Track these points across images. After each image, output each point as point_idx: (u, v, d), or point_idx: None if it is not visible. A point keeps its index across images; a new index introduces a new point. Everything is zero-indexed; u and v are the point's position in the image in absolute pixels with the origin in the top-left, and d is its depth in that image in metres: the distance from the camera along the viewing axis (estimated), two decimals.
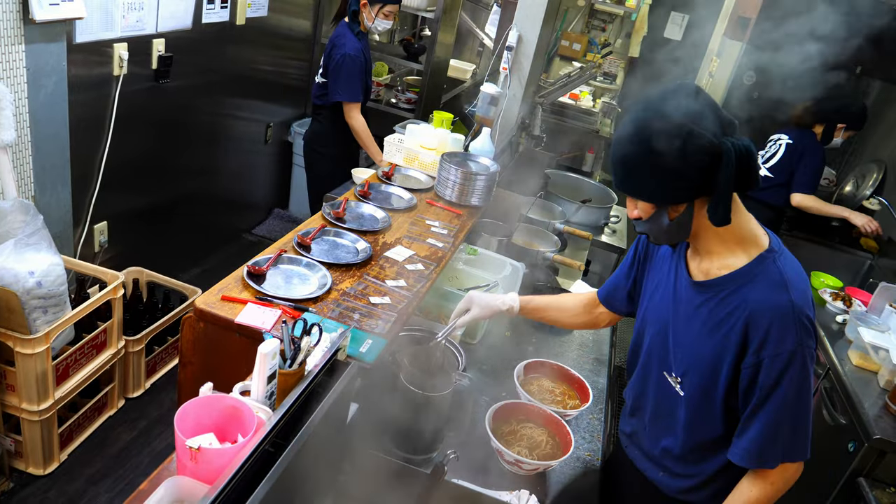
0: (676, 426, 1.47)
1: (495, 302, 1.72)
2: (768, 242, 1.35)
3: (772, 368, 1.28)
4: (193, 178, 3.57)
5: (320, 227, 2.13)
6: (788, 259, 1.35)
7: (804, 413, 1.32)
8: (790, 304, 1.27)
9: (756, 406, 1.32)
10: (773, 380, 1.29)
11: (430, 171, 2.78)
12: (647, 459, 1.57)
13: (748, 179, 1.26)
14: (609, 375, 2.19)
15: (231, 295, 1.67)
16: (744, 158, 1.23)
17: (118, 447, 2.53)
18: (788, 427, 1.31)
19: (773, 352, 1.27)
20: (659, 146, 1.24)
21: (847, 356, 2.61)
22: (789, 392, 1.29)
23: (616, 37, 7.18)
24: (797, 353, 1.27)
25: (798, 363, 1.27)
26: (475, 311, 1.70)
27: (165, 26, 2.95)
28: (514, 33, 3.15)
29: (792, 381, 1.28)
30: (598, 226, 3.36)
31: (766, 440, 1.32)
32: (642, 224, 1.38)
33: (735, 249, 1.35)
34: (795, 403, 1.30)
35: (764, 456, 1.33)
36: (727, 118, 1.28)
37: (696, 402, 1.41)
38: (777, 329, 1.27)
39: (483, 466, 1.64)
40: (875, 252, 3.80)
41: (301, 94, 4.45)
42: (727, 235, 1.34)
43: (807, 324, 1.28)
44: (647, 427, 1.56)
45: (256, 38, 3.75)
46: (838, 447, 2.35)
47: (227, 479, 0.99)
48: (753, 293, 1.31)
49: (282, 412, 1.13)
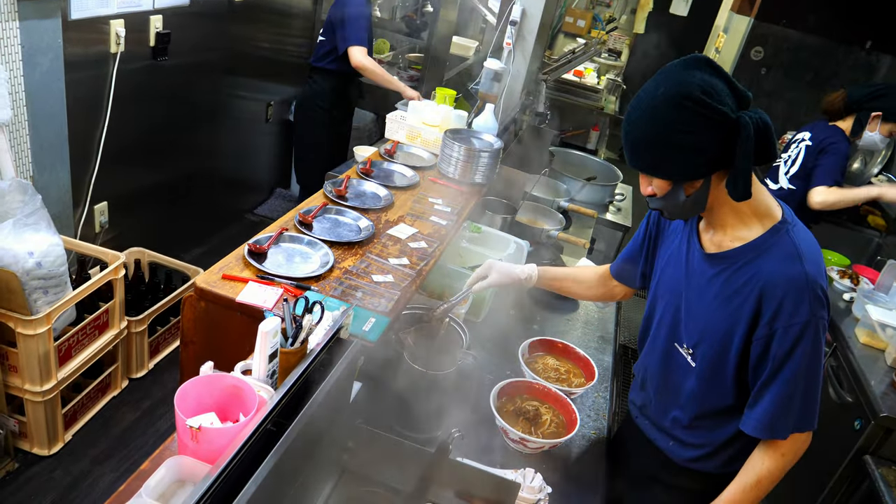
0: (685, 397, 1.47)
1: (514, 270, 1.74)
2: (781, 214, 1.34)
3: (785, 339, 1.28)
4: (194, 157, 3.53)
5: (322, 204, 2.10)
6: (802, 230, 1.34)
7: (815, 384, 1.33)
8: (804, 275, 1.26)
9: (769, 377, 1.32)
10: (785, 351, 1.28)
11: (433, 149, 2.74)
12: (657, 429, 1.58)
13: (767, 152, 1.24)
14: (614, 353, 2.18)
15: (232, 273, 1.65)
16: (762, 131, 1.22)
17: (122, 427, 2.54)
18: (800, 398, 1.31)
19: (786, 322, 1.27)
20: (675, 121, 1.22)
21: (854, 334, 2.60)
22: (802, 363, 1.28)
23: (621, 13, 7.08)
24: (810, 324, 1.26)
25: (811, 334, 1.27)
26: (493, 276, 1.73)
27: (163, 2, 2.89)
28: (517, 8, 3.09)
29: (805, 352, 1.28)
30: (603, 204, 3.33)
31: (778, 411, 1.32)
32: (657, 201, 1.35)
33: (749, 221, 1.34)
34: (807, 374, 1.30)
35: (776, 427, 1.33)
36: (742, 91, 1.26)
37: (707, 373, 1.41)
38: (791, 300, 1.26)
39: (488, 445, 1.63)
40: (883, 230, 3.77)
41: (302, 72, 4.39)
42: (742, 207, 1.33)
43: (820, 295, 1.27)
44: (652, 399, 1.57)
45: (256, 15, 3.69)
46: (844, 425, 2.34)
47: (228, 458, 0.97)
48: (767, 264, 1.30)
49: (283, 391, 1.11)
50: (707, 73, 1.24)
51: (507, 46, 3.17)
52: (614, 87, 5.49)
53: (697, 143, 1.22)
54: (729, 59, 5.00)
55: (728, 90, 1.24)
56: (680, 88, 1.22)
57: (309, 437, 1.19)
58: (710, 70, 1.24)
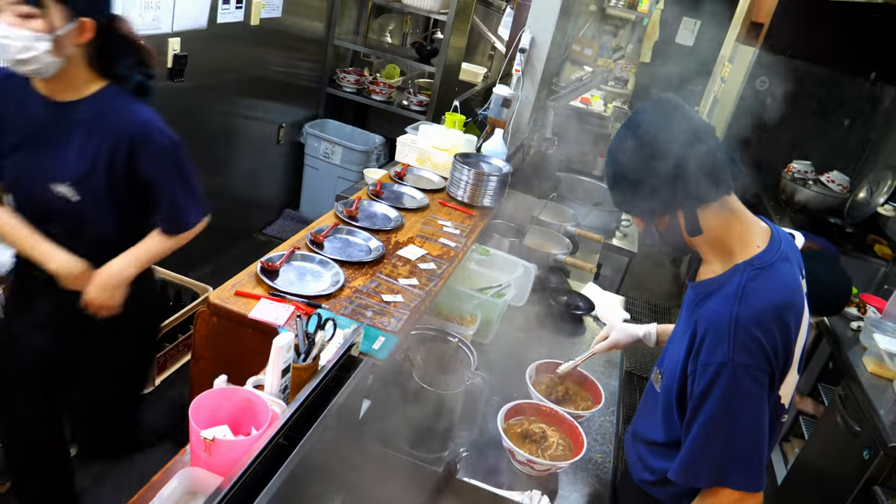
0: (650, 418, 1.50)
1: (633, 330, 1.83)
2: (755, 252, 1.30)
3: (702, 378, 1.25)
4: (206, 176, 3.53)
5: (333, 224, 2.13)
6: (770, 273, 1.28)
7: (740, 435, 1.24)
8: (730, 315, 1.23)
9: (690, 417, 1.29)
10: (700, 390, 1.25)
11: (443, 172, 2.78)
12: (631, 442, 1.60)
13: (713, 187, 1.26)
14: (620, 378, 2.18)
15: (245, 290, 1.67)
16: (704, 167, 1.24)
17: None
18: (721, 447, 1.25)
19: (704, 360, 1.25)
20: (628, 161, 1.30)
21: (862, 363, 2.59)
22: (718, 407, 1.23)
23: (627, 42, 7.17)
24: (726, 367, 1.21)
25: (727, 378, 1.21)
26: (614, 335, 1.85)
27: (181, 25, 2.96)
28: (527, 35, 3.15)
29: (721, 396, 1.22)
30: (610, 229, 3.35)
31: (693, 455, 1.28)
32: (643, 235, 1.43)
33: (721, 257, 1.33)
34: (727, 420, 1.23)
35: (691, 471, 1.28)
36: (697, 125, 1.28)
37: (664, 401, 1.42)
38: (710, 338, 1.24)
39: (494, 466, 1.64)
40: (890, 259, 3.77)
41: (314, 96, 4.47)
42: (716, 242, 1.32)
43: (746, 340, 1.21)
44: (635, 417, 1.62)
45: (271, 39, 3.76)
46: (853, 454, 2.32)
47: (241, 470, 0.99)
48: (710, 302, 1.30)
49: (296, 405, 1.13)
50: (659, 113, 1.29)
51: (516, 73, 3.23)
52: (621, 115, 5.55)
53: (646, 180, 1.28)
54: (734, 89, 5.05)
55: (684, 127, 1.26)
56: (629, 131, 1.31)
57: (319, 452, 1.20)
58: (663, 109, 1.29)
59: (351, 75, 4.48)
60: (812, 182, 4.27)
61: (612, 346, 1.85)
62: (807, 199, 4.20)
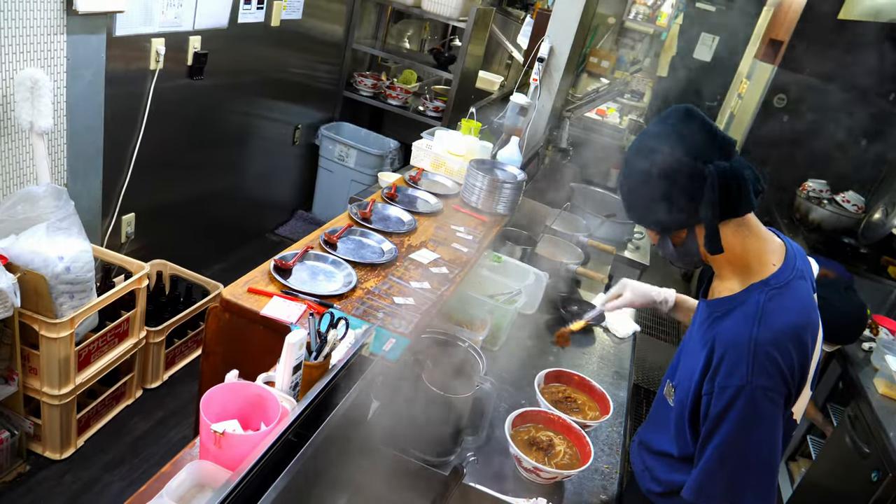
0: (661, 429, 1.49)
1: (650, 291, 1.76)
2: (772, 272, 1.28)
3: (719, 400, 1.23)
4: (220, 175, 3.61)
5: (347, 226, 2.14)
6: (787, 292, 1.26)
7: (757, 458, 1.23)
8: (749, 338, 1.21)
9: (705, 437, 1.27)
10: (717, 412, 1.23)
11: (457, 178, 2.78)
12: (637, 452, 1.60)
13: (737, 204, 1.23)
14: (629, 389, 2.17)
15: (257, 287, 1.68)
16: (729, 183, 1.21)
17: (134, 436, 2.55)
18: (736, 468, 1.24)
19: (722, 383, 1.23)
20: (645, 173, 1.26)
21: (873, 384, 2.56)
22: (734, 429, 1.22)
23: (645, 55, 7.17)
24: (745, 390, 1.20)
25: (745, 400, 1.20)
26: (627, 295, 1.76)
27: (202, 24, 2.99)
28: (546, 45, 3.16)
29: (738, 419, 1.21)
30: (622, 241, 3.34)
31: (707, 475, 1.26)
32: (658, 248, 1.40)
33: (738, 274, 1.31)
34: (743, 442, 1.22)
35: (704, 491, 1.27)
36: (721, 139, 1.25)
37: (676, 416, 1.41)
38: (728, 360, 1.22)
39: (500, 472, 1.63)
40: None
41: (330, 98, 4.49)
42: (733, 259, 1.30)
43: (765, 363, 1.20)
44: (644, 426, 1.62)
45: (289, 41, 3.79)
46: (862, 476, 2.30)
47: (251, 464, 0.99)
48: (727, 321, 1.27)
49: (307, 402, 1.13)
50: (681, 122, 1.25)
51: (533, 82, 3.23)
52: (636, 128, 5.54)
53: (666, 193, 1.25)
54: (751, 105, 5.03)
55: (703, 139, 1.23)
56: (648, 141, 1.27)
57: (326, 451, 1.20)
58: (685, 120, 1.25)
59: (368, 79, 4.50)
60: (827, 201, 4.25)
61: (626, 304, 1.78)
62: (821, 219, 4.18)
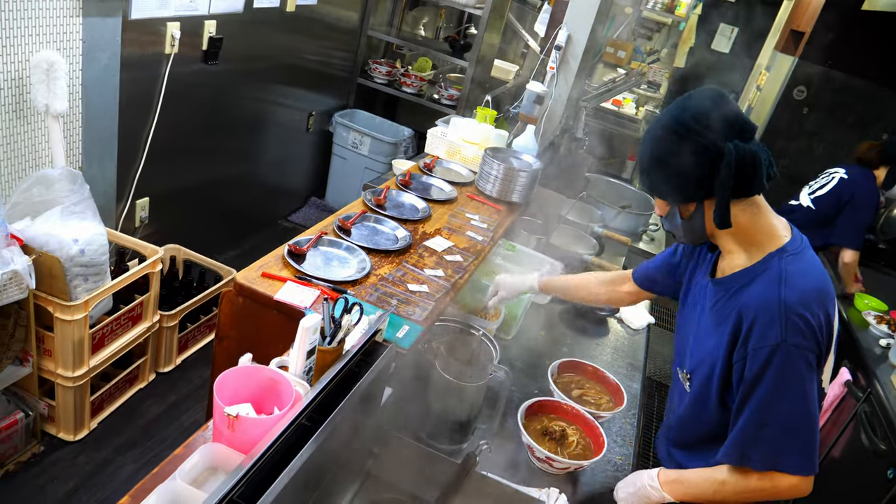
0: (678, 419, 1.50)
1: (518, 283, 1.91)
2: (784, 242, 1.32)
3: (754, 362, 1.25)
4: (234, 161, 3.60)
5: (361, 212, 2.12)
6: (801, 259, 1.31)
7: (796, 417, 1.24)
8: (778, 298, 1.24)
9: (741, 401, 1.29)
10: (754, 374, 1.25)
11: (472, 166, 2.76)
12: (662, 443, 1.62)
13: (749, 185, 1.26)
14: (643, 381, 2.15)
15: (271, 272, 1.67)
16: (745, 163, 1.24)
17: (147, 419, 2.56)
18: (775, 429, 1.25)
19: (756, 344, 1.25)
20: (663, 143, 1.30)
21: (890, 380, 2.53)
22: (772, 389, 1.24)
23: (662, 46, 7.09)
24: (780, 348, 1.22)
25: (781, 358, 1.22)
26: (502, 293, 1.91)
27: (217, 8, 2.98)
28: (563, 32, 3.12)
29: (775, 378, 1.23)
30: (637, 232, 3.31)
31: (747, 437, 1.27)
32: (662, 221, 1.43)
33: (749, 248, 1.35)
34: (781, 402, 1.24)
35: (745, 454, 1.28)
36: (744, 122, 1.28)
37: (697, 400, 1.42)
38: (761, 322, 1.25)
39: (512, 461, 1.62)
40: None
41: (345, 85, 4.47)
42: (741, 235, 1.34)
43: (797, 321, 1.23)
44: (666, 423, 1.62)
45: (304, 27, 3.77)
46: (878, 473, 2.27)
47: (263, 448, 0.98)
48: (751, 290, 1.30)
49: (320, 387, 1.12)
50: (708, 101, 1.28)
51: (550, 70, 3.20)
52: (652, 119, 5.48)
53: (681, 166, 1.28)
54: (770, 97, 4.96)
55: (725, 119, 1.26)
56: (675, 113, 1.30)
57: (339, 436, 1.19)
58: (712, 100, 1.29)
59: (383, 66, 4.48)
60: None
61: (502, 300, 1.94)
62: None
